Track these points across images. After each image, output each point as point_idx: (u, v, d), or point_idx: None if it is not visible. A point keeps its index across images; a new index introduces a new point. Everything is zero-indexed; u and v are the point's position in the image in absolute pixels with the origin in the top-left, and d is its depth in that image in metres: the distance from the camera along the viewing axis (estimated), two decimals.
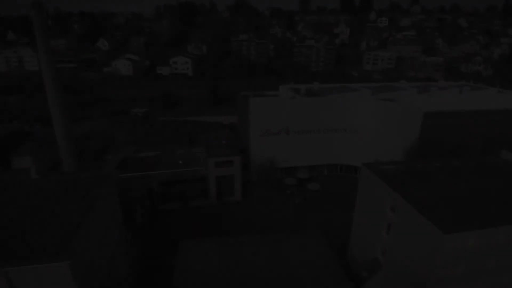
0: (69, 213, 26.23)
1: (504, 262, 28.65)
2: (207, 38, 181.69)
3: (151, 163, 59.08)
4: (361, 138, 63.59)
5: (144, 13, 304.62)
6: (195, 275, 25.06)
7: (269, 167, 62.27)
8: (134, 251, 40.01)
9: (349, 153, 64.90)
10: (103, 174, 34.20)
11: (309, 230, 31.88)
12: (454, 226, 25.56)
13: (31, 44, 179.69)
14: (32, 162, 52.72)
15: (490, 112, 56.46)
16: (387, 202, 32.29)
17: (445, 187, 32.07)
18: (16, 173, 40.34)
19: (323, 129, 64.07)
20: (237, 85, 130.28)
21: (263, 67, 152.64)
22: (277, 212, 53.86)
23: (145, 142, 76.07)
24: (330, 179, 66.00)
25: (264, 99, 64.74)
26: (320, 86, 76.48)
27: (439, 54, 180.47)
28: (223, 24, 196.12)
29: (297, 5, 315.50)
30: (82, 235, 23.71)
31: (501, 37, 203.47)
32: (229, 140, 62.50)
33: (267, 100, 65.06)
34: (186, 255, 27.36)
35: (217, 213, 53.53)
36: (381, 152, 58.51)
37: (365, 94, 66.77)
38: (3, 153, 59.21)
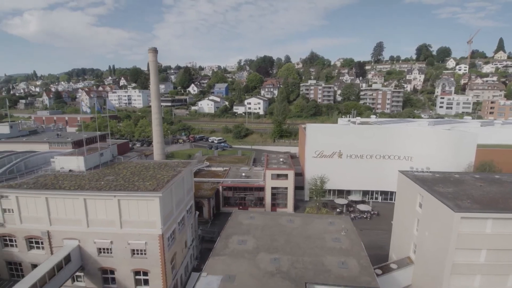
0: (162, 175, 37.53)
1: None
2: (279, 84, 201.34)
3: (220, 174, 71.24)
4: (416, 165, 64.42)
5: (228, 67, 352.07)
6: (241, 227, 32.97)
7: (321, 187, 67.19)
8: (199, 231, 49.32)
9: None
10: (185, 161, 45.97)
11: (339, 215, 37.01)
12: (468, 209, 28.20)
13: (137, 88, 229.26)
14: None
15: None
16: (416, 200, 35.65)
17: (474, 189, 34.15)
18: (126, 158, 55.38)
19: (376, 155, 67.09)
20: (301, 122, 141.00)
21: (328, 107, 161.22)
22: None
23: (217, 161, 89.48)
24: (382, 204, 67.29)
25: (319, 124, 72.50)
26: (377, 120, 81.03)
27: None
28: (295, 73, 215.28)
29: (369, 56, 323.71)
30: (168, 187, 34.07)
31: None
32: (287, 161, 70.63)
33: (322, 125, 72.59)
34: (236, 217, 35.63)
35: None
36: None
37: (421, 123, 69.05)
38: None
